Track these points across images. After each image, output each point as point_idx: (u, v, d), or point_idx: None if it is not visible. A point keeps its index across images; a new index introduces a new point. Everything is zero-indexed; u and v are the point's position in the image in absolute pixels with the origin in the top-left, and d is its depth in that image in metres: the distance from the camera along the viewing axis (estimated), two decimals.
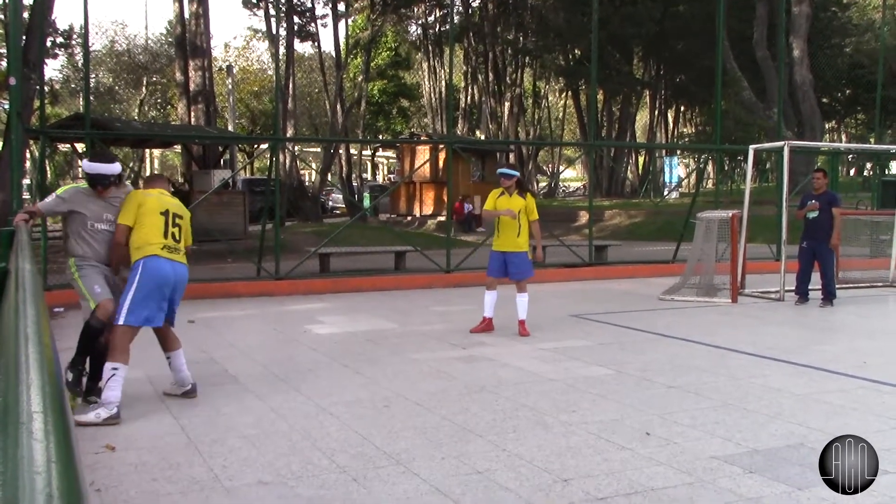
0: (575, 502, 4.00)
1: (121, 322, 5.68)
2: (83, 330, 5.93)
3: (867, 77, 38.78)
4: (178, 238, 5.99)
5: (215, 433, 5.23)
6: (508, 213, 8.98)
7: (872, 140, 34.40)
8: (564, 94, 55.07)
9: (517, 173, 9.27)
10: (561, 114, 59.84)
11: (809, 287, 11.66)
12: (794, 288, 11.73)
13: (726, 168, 40.58)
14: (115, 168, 6.02)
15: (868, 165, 42.09)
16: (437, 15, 44.12)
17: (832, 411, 5.73)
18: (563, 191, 57.48)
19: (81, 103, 24.20)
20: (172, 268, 5.87)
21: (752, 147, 14.11)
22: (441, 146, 24.67)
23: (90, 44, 15.93)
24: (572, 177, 72.33)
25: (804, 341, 8.85)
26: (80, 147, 20.58)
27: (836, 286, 11.77)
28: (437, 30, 45.72)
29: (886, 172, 28.44)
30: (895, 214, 14.32)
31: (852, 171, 48.42)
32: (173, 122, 36.61)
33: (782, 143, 12.79)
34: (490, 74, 46.52)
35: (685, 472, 4.43)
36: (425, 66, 48.45)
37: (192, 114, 23.70)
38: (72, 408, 5.32)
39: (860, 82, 43.13)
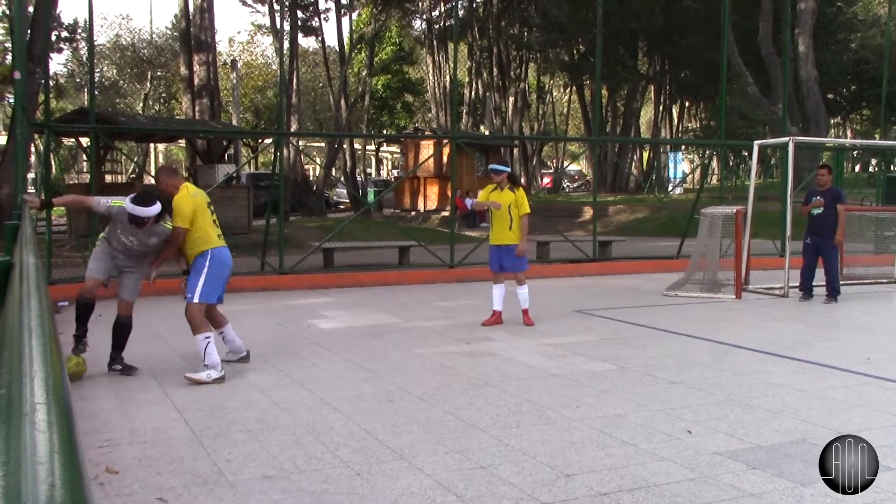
0: (578, 497, 4.00)
1: (195, 300, 6.66)
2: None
3: (872, 73, 38.65)
4: (220, 225, 7.03)
5: (219, 427, 5.24)
6: (493, 205, 9.30)
7: (877, 136, 34.31)
8: (569, 89, 54.95)
9: (508, 168, 9.49)
10: (565, 109, 59.70)
11: (813, 283, 11.64)
12: (798, 284, 11.71)
13: (731, 164, 40.50)
14: (153, 211, 6.51)
15: (873, 161, 41.98)
16: (441, 10, 44.06)
17: (835, 408, 5.72)
18: (567, 186, 57.40)
19: (86, 97, 24.23)
20: (229, 253, 6.99)
21: (756, 143, 14.09)
22: (445, 141, 24.65)
23: (95, 38, 15.94)
24: (575, 171, 72.24)
25: (808, 337, 8.84)
26: (84, 141, 20.58)
27: (841, 282, 11.75)
28: (441, 25, 45.63)
29: (892, 168, 28.34)
30: None
31: (857, 167, 48.28)
32: (178, 117, 36.64)
33: (787, 138, 12.77)
34: (494, 69, 46.43)
35: (688, 468, 4.43)
36: (429, 60, 48.33)
37: (197, 108, 23.71)
38: (73, 372, 6.57)
39: (865, 78, 43.00)
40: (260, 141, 43.93)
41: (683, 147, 51.60)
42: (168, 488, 4.12)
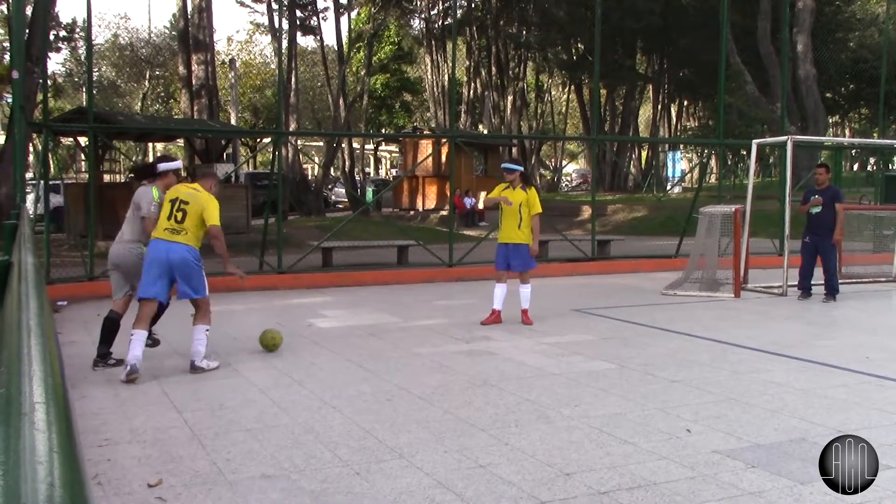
0: (577, 496, 4.00)
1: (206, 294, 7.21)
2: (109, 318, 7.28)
3: (871, 72, 38.62)
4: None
5: (218, 427, 5.23)
6: (504, 200, 9.21)
7: (876, 135, 34.33)
8: (567, 88, 54.97)
9: (520, 167, 9.48)
10: (564, 108, 59.72)
11: (812, 282, 11.65)
12: (796, 283, 11.72)
13: (729, 163, 40.52)
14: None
15: (871, 160, 42.01)
16: (440, 9, 44.05)
17: (834, 406, 5.72)
18: (567, 185, 57.40)
19: (84, 97, 24.21)
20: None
21: (755, 142, 14.10)
22: (444, 140, 24.66)
23: (93, 37, 15.96)
24: (574, 170, 72.23)
25: (807, 336, 8.85)
26: (83, 141, 20.56)
27: (839, 281, 11.76)
28: (439, 24, 45.62)
29: (890, 167, 28.37)
30: None
31: (856, 166, 48.34)
32: (176, 116, 36.62)
33: (786, 137, 12.77)
34: (493, 68, 46.45)
35: (687, 467, 4.43)
36: (428, 60, 48.32)
37: (195, 107, 23.70)
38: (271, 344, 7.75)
39: (864, 77, 42.99)
40: (258, 140, 43.93)
41: (682, 146, 51.60)
42: (167, 487, 4.12)
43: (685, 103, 57.52)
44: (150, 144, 41.96)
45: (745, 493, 4.03)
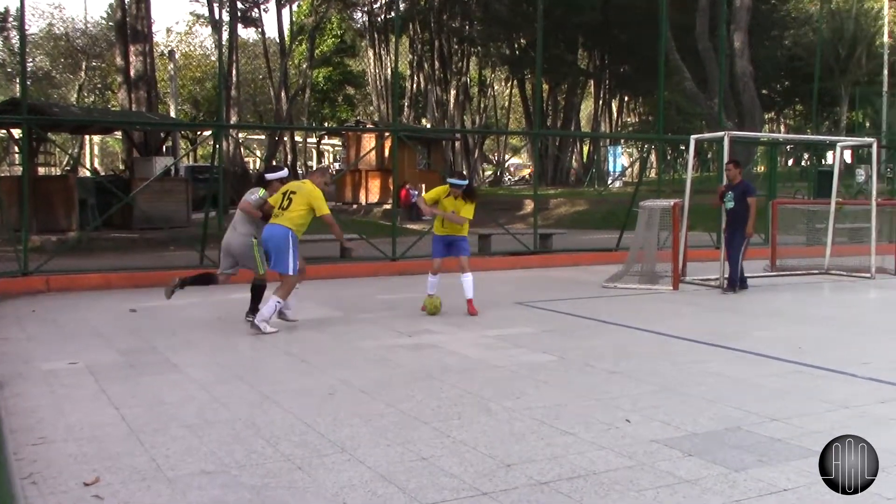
0: (518, 487, 4.04)
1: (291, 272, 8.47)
2: (254, 285, 8.98)
3: (805, 69, 39.52)
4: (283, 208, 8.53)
5: (157, 423, 5.16)
6: (458, 221, 9.59)
7: (810, 131, 35.18)
8: (510, 82, 55.23)
9: (466, 182, 9.78)
10: (506, 102, 59.99)
11: (747, 275, 11.90)
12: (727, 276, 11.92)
13: (668, 157, 41.15)
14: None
15: (806, 156, 43.02)
16: (383, 2, 43.88)
17: (768, 395, 5.87)
18: (510, 180, 57.69)
19: (18, 88, 23.58)
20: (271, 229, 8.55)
21: (693, 137, 14.33)
22: (387, 134, 24.59)
23: (27, 27, 15.55)
24: (518, 164, 72.62)
25: (742, 327, 9.05)
26: (16, 133, 20.04)
27: (773, 273, 12.02)
28: (382, 17, 45.46)
29: (823, 163, 29.09)
30: (830, 203, 14.66)
31: (790, 161, 49.43)
32: (113, 108, 35.89)
33: (723, 133, 13.02)
34: (436, 63, 46.44)
35: (626, 456, 4.51)
36: (370, 53, 48.12)
37: (133, 99, 23.23)
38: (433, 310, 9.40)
39: (798, 74, 44.01)
40: (199, 133, 43.24)
41: (623, 141, 52.25)
42: (104, 485, 4.05)
43: (626, 99, 58.24)
44: (87, 137, 41.12)
45: (682, 481, 4.12)
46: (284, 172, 9.36)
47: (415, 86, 48.44)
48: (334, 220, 8.77)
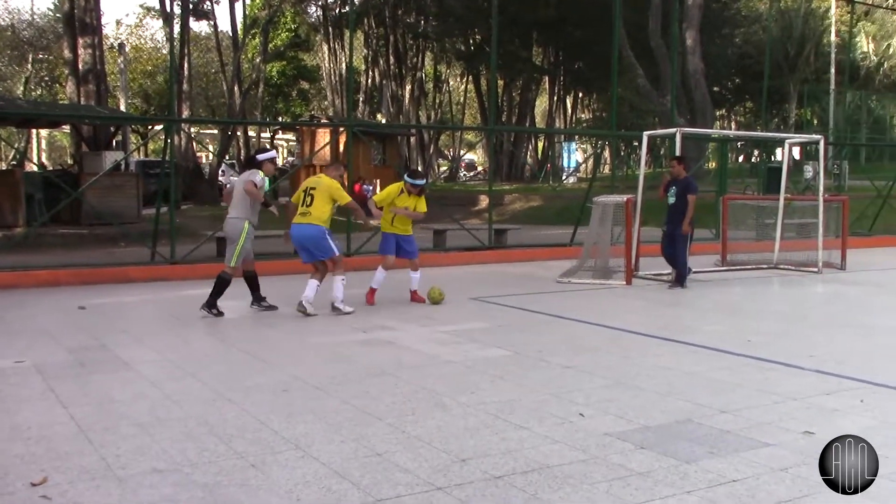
0: (473, 481, 4.05)
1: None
2: (220, 277, 9.09)
3: (755, 67, 40.15)
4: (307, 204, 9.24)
5: (107, 421, 5.09)
6: (417, 216, 10.20)
7: (759, 128, 35.75)
8: (465, 78, 55.27)
9: (425, 181, 10.43)
10: (462, 98, 60.01)
11: (658, 271, 12.05)
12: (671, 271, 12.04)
13: (622, 153, 41.51)
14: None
15: (755, 152, 43.69)
16: None
17: (719, 388, 5.96)
18: (464, 175, 57.75)
19: None
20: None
21: (646, 133, 14.49)
22: (341, 129, 24.46)
23: None
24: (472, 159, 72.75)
25: (694, 321, 9.18)
26: None
27: (724, 268, 12.16)
28: (336, 11, 45.17)
29: (772, 159, 29.57)
30: (779, 199, 14.92)
31: (741, 158, 50.18)
32: (62, 102, 35.21)
33: (675, 129, 13.17)
34: (391, 58, 46.30)
35: (579, 450, 4.55)
36: (325, 48, 47.78)
37: (82, 93, 22.79)
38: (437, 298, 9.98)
39: (748, 72, 44.67)
40: (150, 127, 42.64)
41: (577, 137, 52.59)
42: (53, 485, 3.98)
43: (580, 95, 58.57)
44: (34, 131, 40.27)
45: (634, 473, 4.17)
46: (273, 153, 9.74)
47: (370, 81, 48.22)
48: (357, 205, 9.65)
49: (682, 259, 11.71)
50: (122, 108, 34.37)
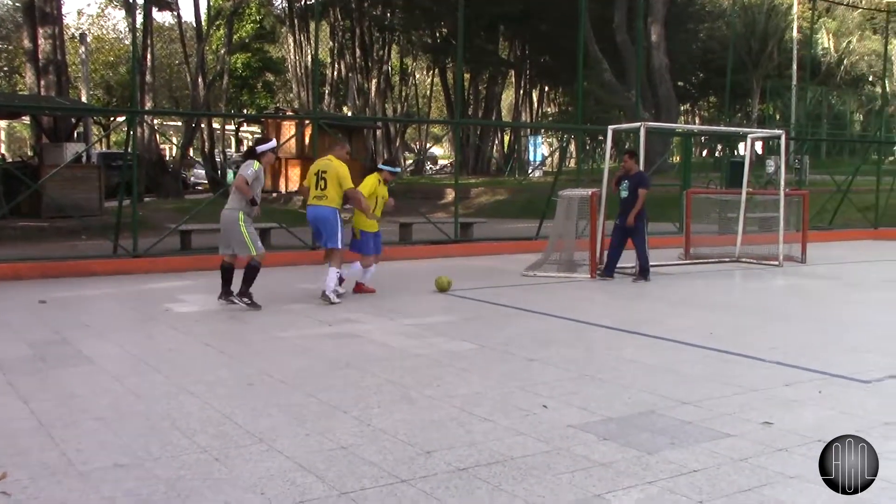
0: (437, 473, 4.07)
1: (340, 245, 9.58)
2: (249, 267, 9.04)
3: (718, 62, 40.60)
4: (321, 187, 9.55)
5: (68, 416, 5.03)
6: (390, 206, 10.45)
7: (723, 123, 36.12)
8: (431, 71, 55.22)
9: (400, 169, 10.38)
10: (428, 91, 59.96)
11: (619, 265, 12.13)
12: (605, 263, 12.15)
13: (587, 147, 41.73)
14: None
15: (719, 146, 44.15)
16: None
17: (680, 380, 6.03)
18: (431, 169, 57.73)
19: None
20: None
21: (610, 127, 14.57)
22: (307, 122, 24.33)
23: None
24: (440, 154, 72.76)
25: (656, 314, 9.26)
26: None
27: (687, 262, 12.28)
28: (302, 3, 44.86)
29: (735, 153, 29.92)
30: (742, 193, 15.10)
31: (704, 152, 50.70)
32: (21, 92, 34.63)
33: (639, 124, 13.27)
34: (357, 50, 46.10)
35: (543, 441, 4.58)
36: (290, 40, 47.43)
37: (42, 84, 22.44)
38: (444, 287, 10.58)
39: (712, 67, 45.17)
40: (112, 119, 42.11)
41: (543, 131, 52.80)
42: (12, 481, 3.93)
43: (546, 89, 58.80)
44: None
45: (597, 464, 4.21)
46: (273, 143, 9.57)
47: (336, 73, 47.98)
48: (359, 194, 9.65)
49: (642, 251, 11.83)
50: (84, 99, 33.86)
